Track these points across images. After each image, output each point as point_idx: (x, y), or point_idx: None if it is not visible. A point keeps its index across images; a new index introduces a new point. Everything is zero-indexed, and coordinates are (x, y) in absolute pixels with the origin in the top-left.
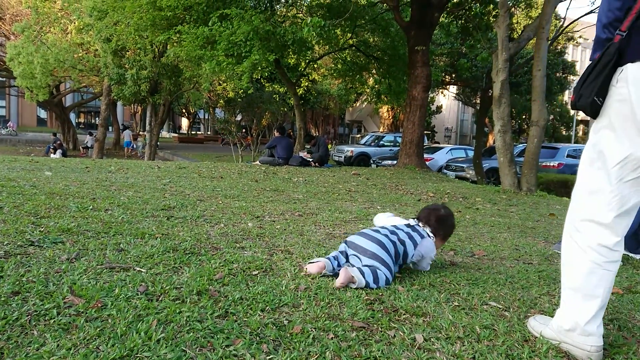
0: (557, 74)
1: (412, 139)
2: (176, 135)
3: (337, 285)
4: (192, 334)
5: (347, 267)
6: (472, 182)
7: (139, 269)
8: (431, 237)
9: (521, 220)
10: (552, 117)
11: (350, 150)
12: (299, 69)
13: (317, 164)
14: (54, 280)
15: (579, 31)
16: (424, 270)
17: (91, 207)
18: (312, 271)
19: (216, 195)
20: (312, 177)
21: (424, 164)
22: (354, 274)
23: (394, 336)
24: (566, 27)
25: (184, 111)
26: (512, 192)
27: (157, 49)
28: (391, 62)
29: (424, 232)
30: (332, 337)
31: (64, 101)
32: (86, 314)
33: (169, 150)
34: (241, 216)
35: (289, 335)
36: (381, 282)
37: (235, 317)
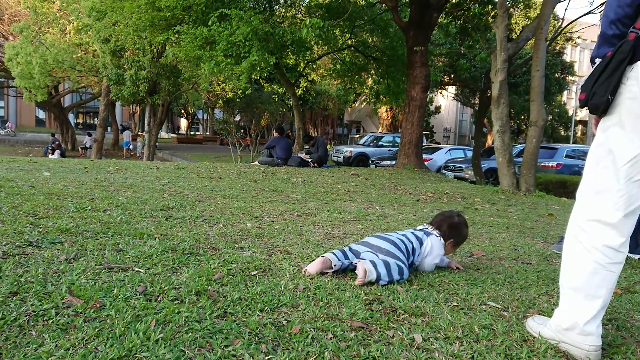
0: (556, 75)
1: (410, 140)
2: (175, 135)
3: (358, 283)
4: (190, 334)
5: (361, 261)
6: (470, 183)
7: (137, 269)
8: (439, 237)
9: (520, 220)
10: (550, 117)
11: (349, 150)
12: (298, 70)
13: (315, 165)
14: (52, 280)
15: (577, 32)
16: (426, 270)
17: (90, 208)
18: (311, 271)
19: (215, 195)
20: (311, 177)
21: (422, 165)
22: (365, 266)
23: (393, 336)
24: (565, 28)
25: (183, 112)
26: (511, 192)
27: (155, 50)
28: (390, 62)
29: (432, 232)
30: (330, 337)
31: (62, 101)
32: (85, 314)
33: (167, 150)
34: (240, 216)
35: (287, 335)
36: (394, 274)
37: (234, 317)
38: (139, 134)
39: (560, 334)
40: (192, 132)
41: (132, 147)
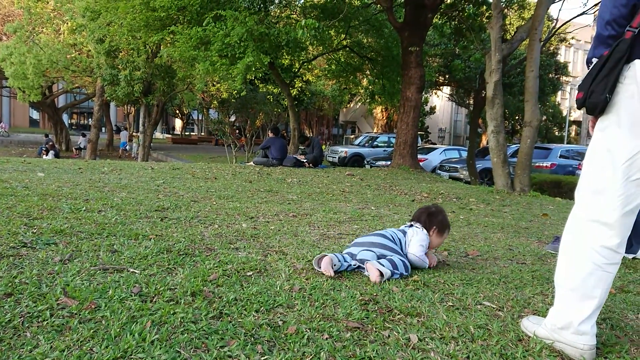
0: (550, 75)
1: (406, 140)
2: (170, 136)
3: (375, 280)
4: (186, 335)
5: (370, 262)
6: (465, 183)
7: (132, 270)
8: (420, 227)
9: (514, 220)
10: (544, 117)
11: (344, 151)
12: (293, 70)
13: (311, 165)
14: (47, 281)
15: (571, 32)
16: (416, 257)
17: (84, 208)
18: (324, 268)
19: (210, 196)
20: (306, 177)
21: (417, 165)
22: (378, 267)
23: (389, 336)
24: (559, 29)
25: (178, 112)
26: (506, 192)
27: (150, 50)
28: (385, 62)
29: (411, 224)
30: (326, 338)
31: (56, 102)
32: (80, 315)
33: (162, 151)
34: (235, 217)
35: (283, 335)
36: (400, 268)
37: (229, 318)
38: (134, 134)
39: (555, 333)
40: (187, 133)
41: (129, 147)
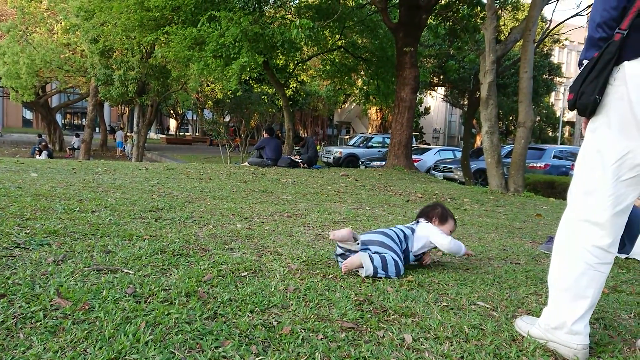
0: (544, 76)
1: (400, 140)
2: (164, 136)
3: (343, 268)
4: (180, 335)
5: (360, 253)
6: (460, 183)
7: (126, 270)
8: (425, 222)
9: (509, 220)
10: (538, 118)
11: (339, 151)
12: (288, 70)
13: (305, 165)
14: (40, 282)
15: (564, 33)
16: (445, 240)
17: (78, 209)
18: (337, 235)
19: (205, 196)
20: (300, 178)
21: (412, 165)
22: (363, 260)
23: (383, 336)
24: (552, 30)
25: (172, 112)
26: (500, 192)
27: (144, 50)
28: (379, 63)
29: (418, 221)
30: (321, 338)
31: (50, 102)
32: (73, 316)
33: (156, 151)
34: (230, 217)
35: (278, 336)
36: (390, 269)
37: (224, 319)
38: (128, 134)
39: (548, 333)
40: (181, 133)
41: (125, 147)
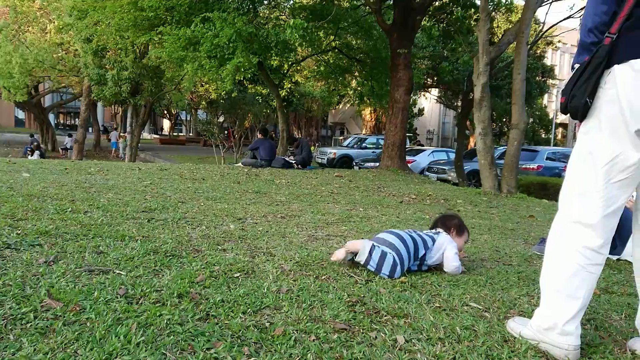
0: (537, 78)
1: (394, 142)
2: (158, 136)
3: (341, 250)
4: (172, 337)
5: (364, 240)
6: (453, 185)
7: (118, 271)
8: (447, 234)
9: (501, 222)
10: (531, 120)
11: (333, 152)
12: (282, 71)
13: (299, 166)
14: (31, 283)
15: (557, 36)
16: (451, 265)
17: (70, 209)
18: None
19: (198, 197)
20: (294, 179)
21: (406, 166)
22: (363, 245)
23: (376, 337)
24: (545, 32)
25: (166, 112)
26: (493, 194)
27: (138, 50)
28: (374, 64)
29: (438, 231)
30: (313, 339)
31: (42, 102)
32: (64, 317)
33: (150, 151)
34: (223, 218)
35: (270, 337)
36: (385, 269)
37: (216, 320)
38: (121, 134)
39: (540, 334)
40: (175, 133)
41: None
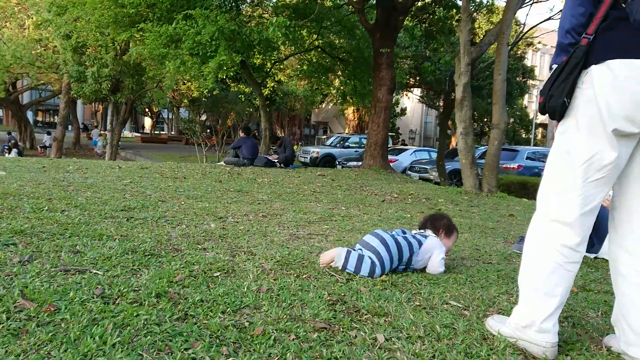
0: (518, 79)
1: (376, 141)
2: (139, 135)
3: (320, 261)
4: (149, 337)
5: (338, 248)
6: (435, 184)
7: (95, 271)
8: (436, 236)
9: (482, 220)
10: (512, 120)
11: (315, 151)
12: (265, 70)
13: (282, 165)
14: (4, 283)
15: (538, 37)
16: (435, 268)
17: (47, 208)
18: (324, 260)
19: (179, 195)
20: (277, 178)
21: (388, 166)
22: (335, 253)
23: (356, 336)
24: (526, 33)
25: (147, 110)
26: (474, 193)
27: (119, 47)
28: (356, 64)
29: (427, 233)
30: (293, 339)
31: (21, 99)
32: (38, 318)
33: (131, 150)
34: (204, 217)
35: (249, 337)
36: (363, 270)
37: (195, 320)
38: (101, 132)
39: (518, 331)
40: (156, 132)
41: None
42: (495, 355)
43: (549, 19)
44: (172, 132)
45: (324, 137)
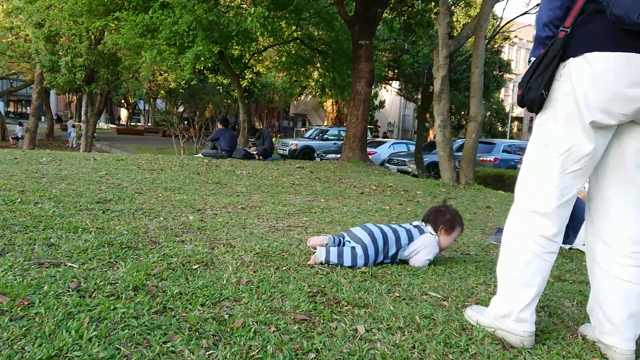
0: (494, 72)
1: (355, 133)
2: (114, 126)
3: (310, 262)
4: (127, 331)
5: (322, 248)
6: (413, 176)
7: (70, 264)
8: (433, 234)
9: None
10: (488, 113)
11: (294, 143)
12: (244, 61)
13: (261, 157)
14: None
15: (514, 31)
16: (419, 266)
17: (19, 200)
18: (314, 243)
19: (156, 187)
20: (256, 170)
21: (367, 158)
22: (328, 239)
23: (336, 328)
24: (503, 27)
25: (123, 101)
26: (451, 185)
27: (93, 36)
28: (335, 56)
29: (425, 229)
30: (273, 331)
31: None
32: (11, 312)
33: (106, 141)
34: (182, 209)
35: (229, 329)
36: (346, 260)
37: (173, 313)
38: (75, 124)
39: (497, 321)
40: (132, 123)
41: (73, 135)
42: (474, 345)
43: (525, 13)
44: (149, 124)
45: (303, 129)
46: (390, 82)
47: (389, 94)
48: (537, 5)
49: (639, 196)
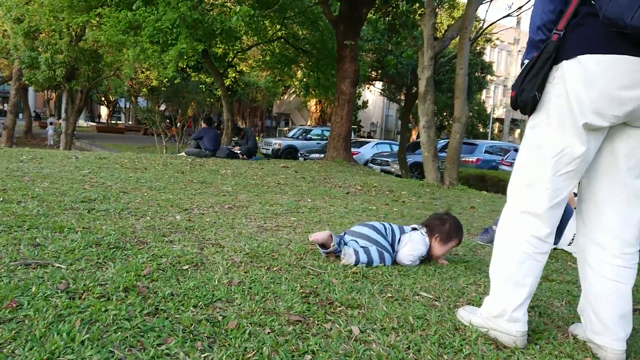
0: (477, 74)
1: (340, 133)
2: (95, 124)
3: (311, 237)
4: (120, 333)
5: (346, 247)
6: (396, 176)
7: (58, 265)
8: (424, 235)
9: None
10: (470, 114)
11: (277, 143)
12: (227, 60)
13: (245, 156)
14: None
15: (496, 33)
16: (401, 261)
17: (1, 199)
18: (317, 238)
19: (140, 187)
20: (240, 169)
21: (351, 158)
22: (346, 250)
23: (331, 329)
24: (486, 29)
25: (104, 99)
26: (436, 185)
27: (74, 32)
28: (320, 55)
29: (418, 227)
30: (268, 332)
31: None
32: None
33: (86, 139)
34: (168, 209)
35: (224, 331)
36: (374, 257)
37: (166, 314)
38: (55, 121)
39: (490, 321)
40: (113, 121)
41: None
42: (467, 345)
43: (508, 15)
44: (130, 122)
45: (286, 128)
46: (373, 82)
47: (372, 94)
48: (519, 8)
49: (630, 198)
